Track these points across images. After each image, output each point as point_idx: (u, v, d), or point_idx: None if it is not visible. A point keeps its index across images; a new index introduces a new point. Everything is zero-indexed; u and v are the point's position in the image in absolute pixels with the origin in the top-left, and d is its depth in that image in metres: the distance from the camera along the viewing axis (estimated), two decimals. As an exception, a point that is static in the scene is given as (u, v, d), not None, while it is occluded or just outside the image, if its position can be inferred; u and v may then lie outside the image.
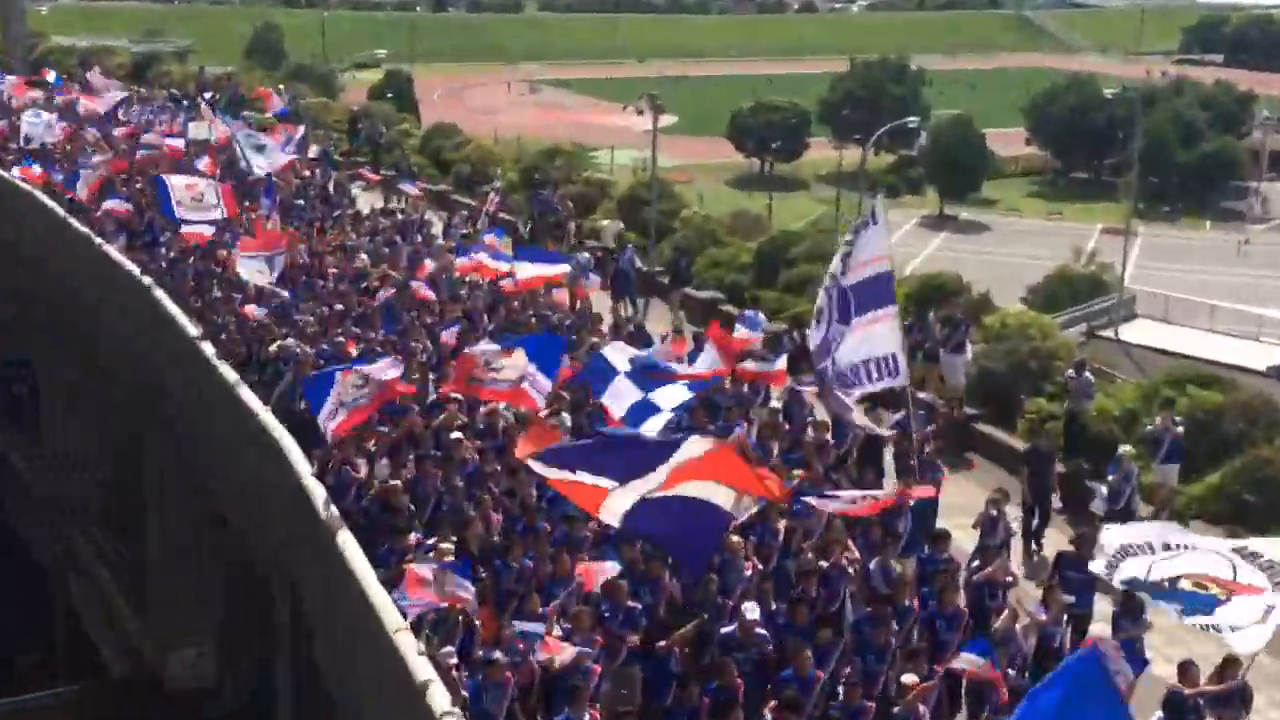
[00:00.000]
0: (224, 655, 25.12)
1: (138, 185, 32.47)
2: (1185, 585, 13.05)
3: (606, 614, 14.41)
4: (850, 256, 18.41)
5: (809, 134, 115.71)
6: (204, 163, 33.14)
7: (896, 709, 13.36)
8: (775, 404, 21.66)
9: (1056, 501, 21.01)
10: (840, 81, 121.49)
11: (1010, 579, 15.82)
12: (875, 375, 18.35)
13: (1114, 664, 12.68)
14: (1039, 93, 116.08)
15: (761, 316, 24.43)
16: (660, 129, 44.55)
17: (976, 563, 16.37)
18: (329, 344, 21.57)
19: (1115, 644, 13.56)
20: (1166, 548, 13.37)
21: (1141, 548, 13.41)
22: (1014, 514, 18.64)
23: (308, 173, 36.91)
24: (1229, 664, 13.63)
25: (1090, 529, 16.31)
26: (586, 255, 29.75)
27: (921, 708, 13.14)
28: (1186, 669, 13.64)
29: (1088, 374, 23.83)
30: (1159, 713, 13.63)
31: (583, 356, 20.47)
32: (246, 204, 30.35)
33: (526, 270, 25.35)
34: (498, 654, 13.08)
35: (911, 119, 78.14)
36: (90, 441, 31.74)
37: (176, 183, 27.98)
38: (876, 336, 18.30)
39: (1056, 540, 19.41)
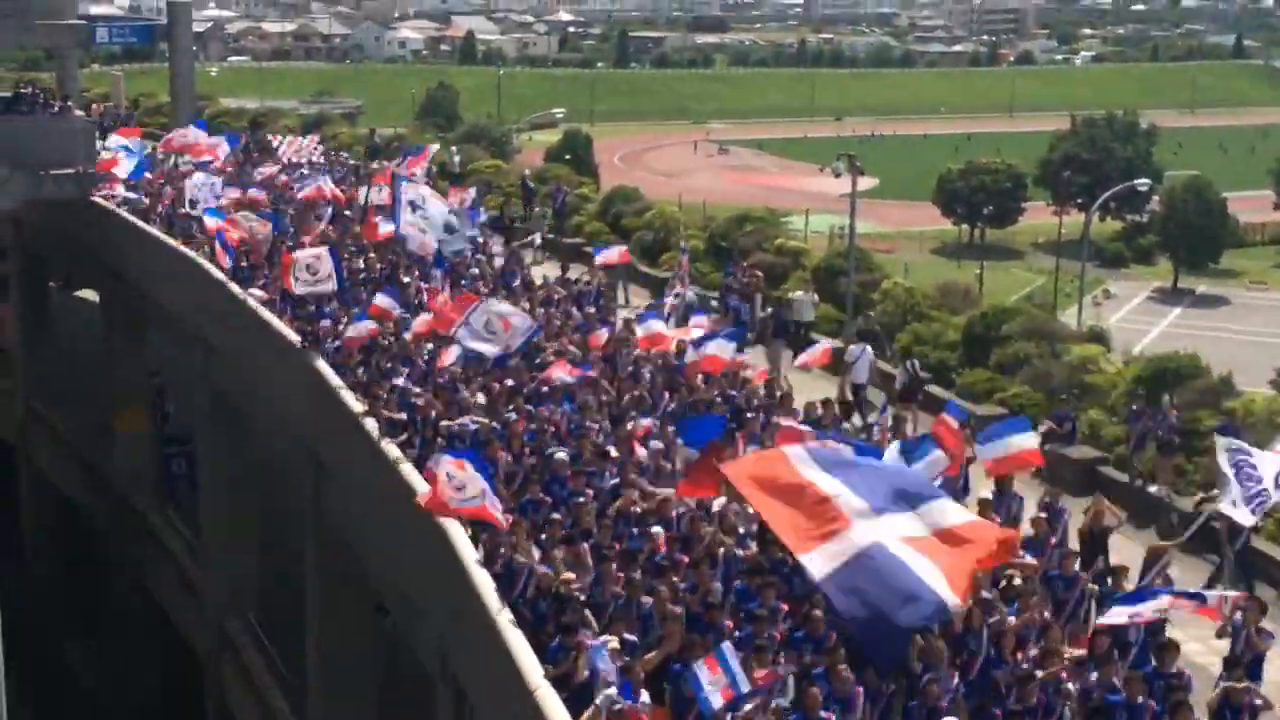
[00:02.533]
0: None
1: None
2: None
3: (794, 723, 14.23)
4: None
5: (1025, 198, 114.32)
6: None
7: None
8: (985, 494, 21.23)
9: None
10: (1061, 140, 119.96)
11: (1260, 702, 15.10)
12: None
13: None
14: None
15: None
16: (860, 192, 44.41)
17: (1224, 682, 15.71)
18: (498, 422, 21.95)
19: None
20: None
21: None
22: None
23: (480, 239, 37.68)
24: None
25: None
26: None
27: None
28: None
29: None
30: None
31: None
32: (416, 274, 31.16)
33: (712, 347, 25.42)
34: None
35: (1142, 181, 76.44)
36: (245, 526, 32.68)
37: (300, 257, 28.96)
38: None
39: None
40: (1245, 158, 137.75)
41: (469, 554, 17.92)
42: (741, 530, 18.09)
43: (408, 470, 20.89)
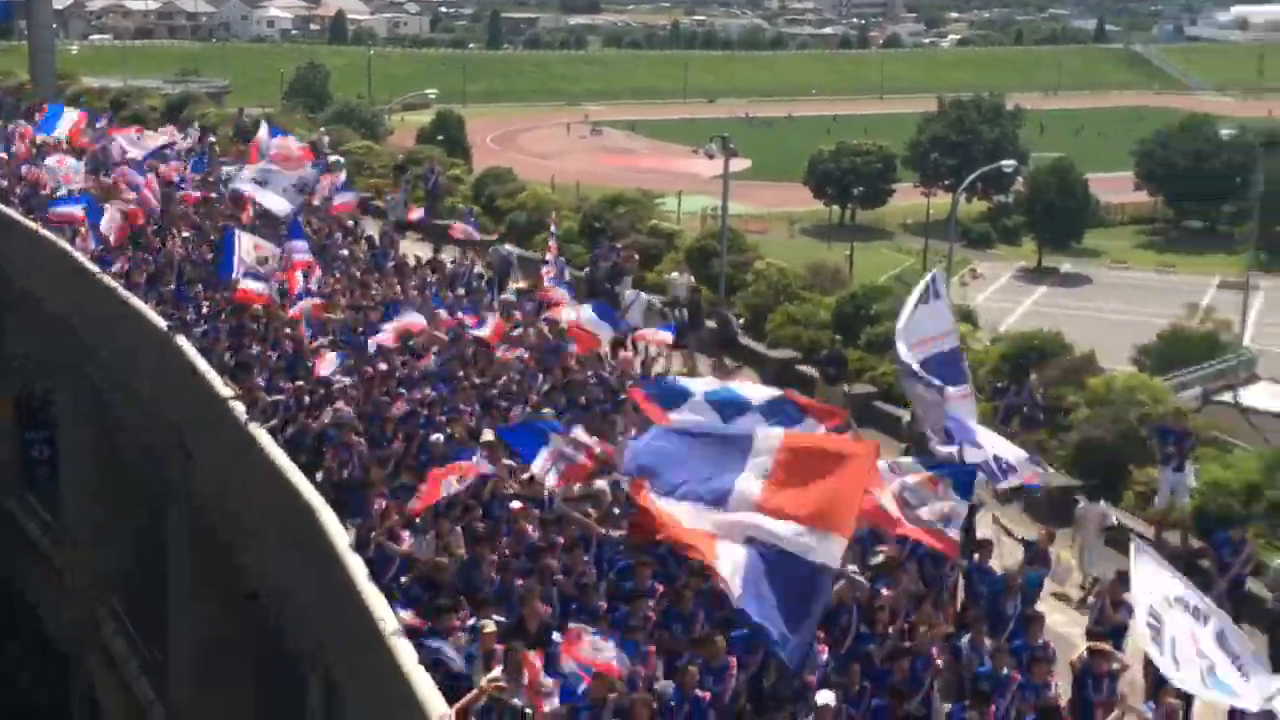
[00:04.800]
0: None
1: (182, 234, 33.05)
2: None
3: (672, 703, 14.29)
4: (906, 334, 18.52)
5: (894, 179, 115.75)
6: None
7: None
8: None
9: None
10: (929, 122, 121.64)
11: (1118, 666, 15.50)
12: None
13: None
14: (1149, 135, 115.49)
15: None
16: (732, 174, 44.69)
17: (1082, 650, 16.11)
18: (372, 405, 21.80)
19: None
20: None
21: None
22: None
23: (350, 222, 37.32)
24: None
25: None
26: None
27: None
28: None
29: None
30: None
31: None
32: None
33: (588, 326, 25.43)
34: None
35: (1007, 163, 77.72)
36: (112, 511, 32.05)
37: (246, 242, 28.36)
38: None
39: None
40: (1107, 140, 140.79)
41: (340, 539, 17.76)
42: (617, 511, 18.14)
43: (276, 455, 20.63)
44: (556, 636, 14.26)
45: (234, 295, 27.30)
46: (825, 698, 14.06)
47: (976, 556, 18.02)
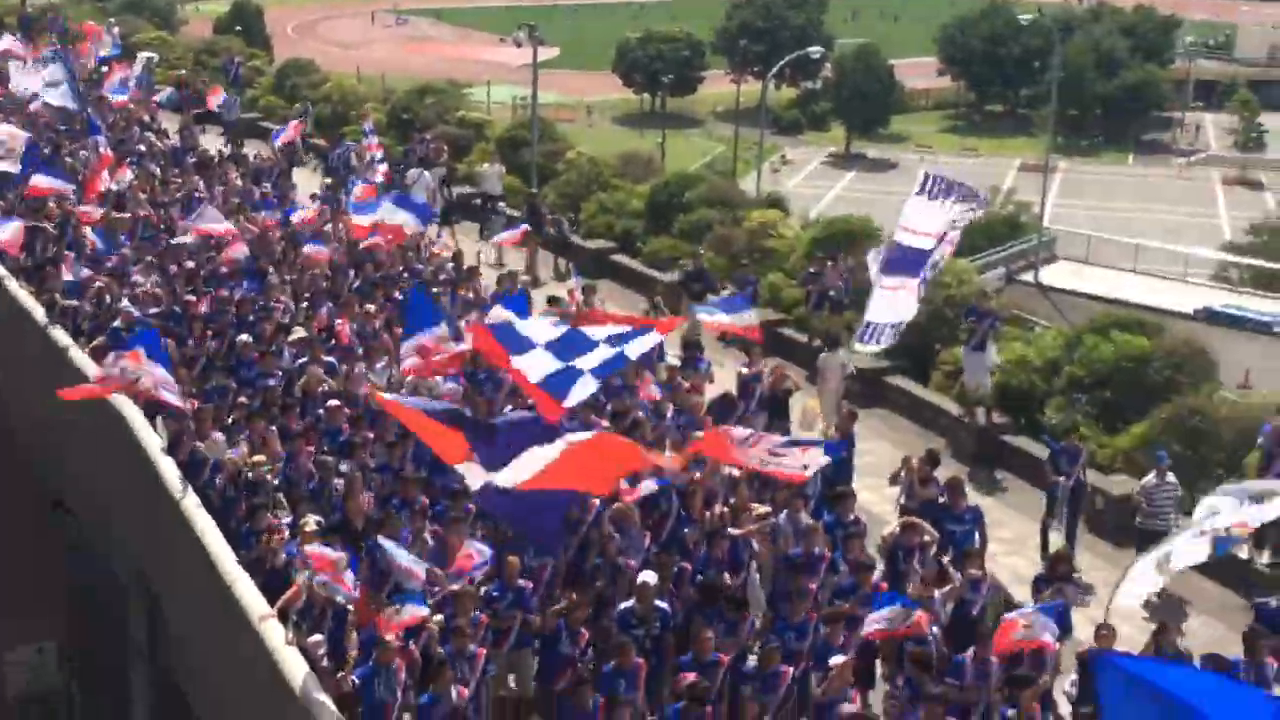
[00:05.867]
0: (70, 656, 24.69)
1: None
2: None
3: (495, 593, 14.42)
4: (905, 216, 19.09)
5: (704, 66, 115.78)
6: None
7: (821, 689, 13.45)
8: (673, 360, 21.76)
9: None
10: (736, 9, 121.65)
11: (927, 539, 16.03)
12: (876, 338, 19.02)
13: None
14: (951, 20, 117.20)
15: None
16: (540, 63, 44.32)
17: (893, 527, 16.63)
18: (179, 307, 21.35)
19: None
20: None
21: None
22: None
23: (146, 117, 36.24)
24: (1163, 630, 14.17)
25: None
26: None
27: (849, 689, 13.31)
28: (1103, 631, 14.03)
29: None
30: (1073, 675, 14.08)
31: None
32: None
33: (395, 219, 25.03)
34: (389, 636, 13.00)
35: (814, 49, 78.36)
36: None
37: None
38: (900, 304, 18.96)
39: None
40: (914, 25, 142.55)
41: (152, 442, 17.44)
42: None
43: (78, 357, 20.09)
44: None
45: (25, 193, 26.45)
46: (646, 576, 14.35)
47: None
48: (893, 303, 19.11)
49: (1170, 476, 18.80)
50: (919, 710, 12.59)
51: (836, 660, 13.37)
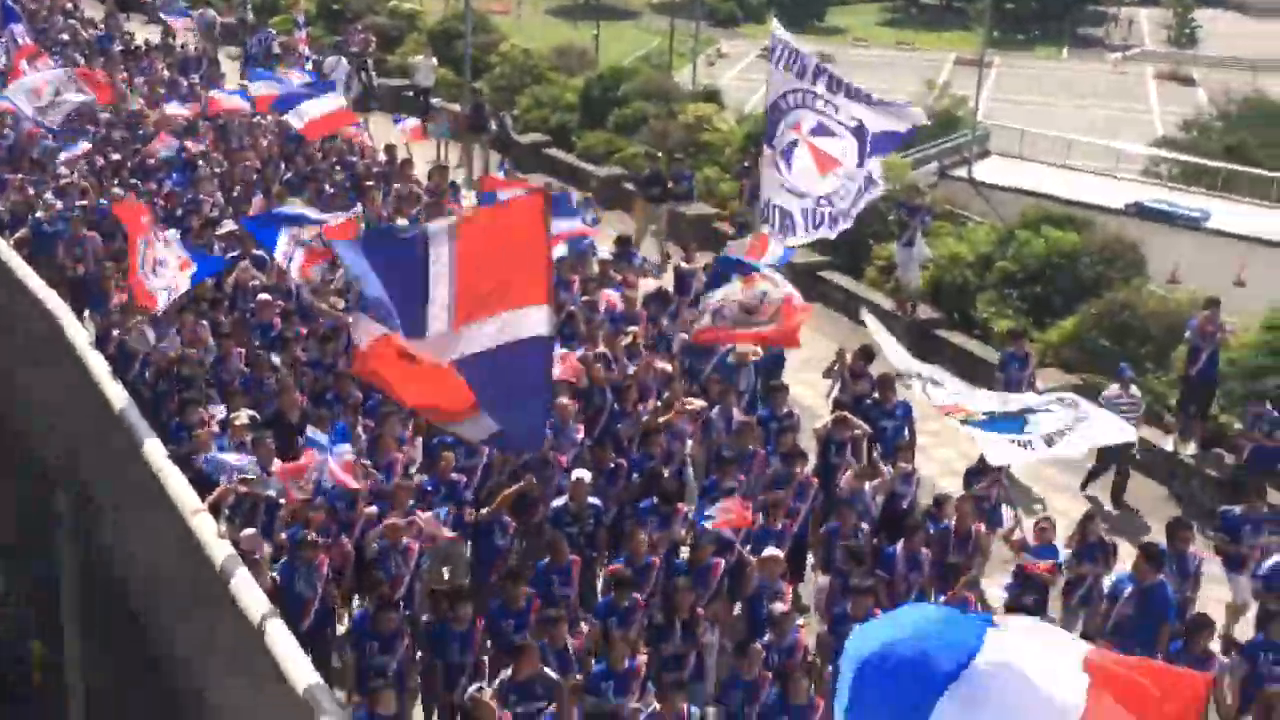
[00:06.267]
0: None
1: None
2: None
3: (429, 488, 14.43)
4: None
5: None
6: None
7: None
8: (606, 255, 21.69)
9: None
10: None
11: (859, 432, 16.14)
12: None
13: None
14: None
15: None
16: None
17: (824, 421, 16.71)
18: (105, 198, 21.03)
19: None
20: None
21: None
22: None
23: (69, 4, 35.46)
24: (1089, 520, 14.37)
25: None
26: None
27: (782, 584, 13.45)
28: (1042, 525, 14.20)
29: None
30: (1009, 579, 14.26)
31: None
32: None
33: (319, 109, 24.58)
34: (311, 533, 13.02)
35: (750, -61, 77.80)
36: None
37: None
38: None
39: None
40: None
41: (80, 337, 17.26)
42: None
43: (5, 253, 19.80)
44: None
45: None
46: (580, 473, 14.37)
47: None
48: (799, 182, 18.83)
49: (1134, 390, 18.42)
50: (847, 601, 12.73)
51: (770, 552, 13.49)
